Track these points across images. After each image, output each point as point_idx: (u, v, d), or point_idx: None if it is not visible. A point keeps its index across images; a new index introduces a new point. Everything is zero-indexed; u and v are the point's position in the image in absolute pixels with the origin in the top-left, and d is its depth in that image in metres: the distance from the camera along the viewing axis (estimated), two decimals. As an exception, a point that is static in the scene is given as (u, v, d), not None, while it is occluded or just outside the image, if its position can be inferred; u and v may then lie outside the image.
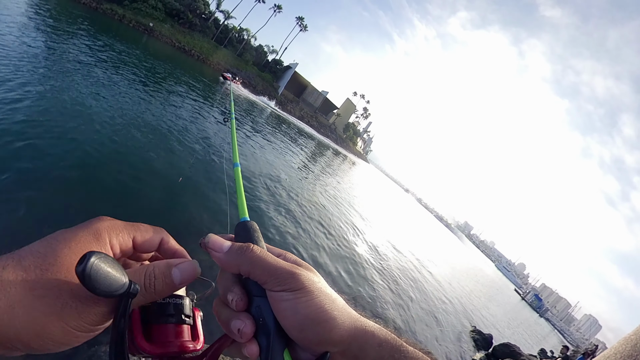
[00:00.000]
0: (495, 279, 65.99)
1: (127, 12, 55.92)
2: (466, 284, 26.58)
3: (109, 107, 10.86)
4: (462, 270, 35.66)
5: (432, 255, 28.19)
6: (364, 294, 9.72)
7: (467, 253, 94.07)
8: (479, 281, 38.35)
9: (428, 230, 56.26)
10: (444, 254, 39.71)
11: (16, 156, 6.03)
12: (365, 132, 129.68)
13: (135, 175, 7.85)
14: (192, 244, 0.55)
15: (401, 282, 13.41)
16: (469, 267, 47.51)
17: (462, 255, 67.35)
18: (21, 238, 3.86)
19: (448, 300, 16.41)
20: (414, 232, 37.11)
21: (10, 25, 15.24)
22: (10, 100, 7.72)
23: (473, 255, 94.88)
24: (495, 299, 32.97)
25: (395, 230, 26.33)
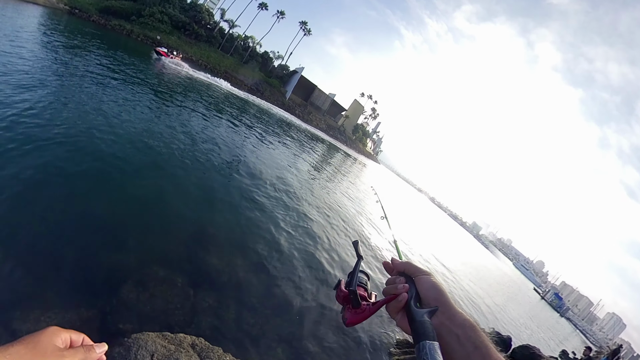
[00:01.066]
0: (513, 277, 64.28)
1: (134, 27, 57.24)
2: (483, 283, 26.01)
3: (138, 119, 11.07)
4: (478, 269, 34.88)
5: (448, 254, 27.76)
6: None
7: (484, 252, 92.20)
8: (497, 280, 37.41)
9: (443, 229, 55.37)
10: (460, 253, 39.03)
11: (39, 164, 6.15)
12: (375, 133, 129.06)
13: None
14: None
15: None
16: (486, 265, 46.49)
17: (478, 253, 66.16)
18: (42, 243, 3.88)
19: (465, 300, 16.06)
20: (430, 230, 36.65)
21: (25, 44, 15.73)
22: (29, 114, 7.92)
23: (489, 254, 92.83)
24: (513, 299, 32.09)
25: (411, 230, 26.06)
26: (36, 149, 7.80)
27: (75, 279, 5.13)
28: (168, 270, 6.13)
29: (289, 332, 6.31)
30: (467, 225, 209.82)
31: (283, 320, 6.53)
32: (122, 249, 6.12)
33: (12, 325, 4.04)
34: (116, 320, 4.75)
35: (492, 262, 69.40)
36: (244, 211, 10.15)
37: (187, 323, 5.31)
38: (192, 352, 4.49)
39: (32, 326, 4.10)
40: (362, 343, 7.30)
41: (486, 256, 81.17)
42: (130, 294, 5.21)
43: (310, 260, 9.67)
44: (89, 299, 4.82)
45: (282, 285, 7.63)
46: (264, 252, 8.53)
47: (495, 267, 55.39)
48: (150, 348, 4.02)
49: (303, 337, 6.41)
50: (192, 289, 6.04)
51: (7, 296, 4.41)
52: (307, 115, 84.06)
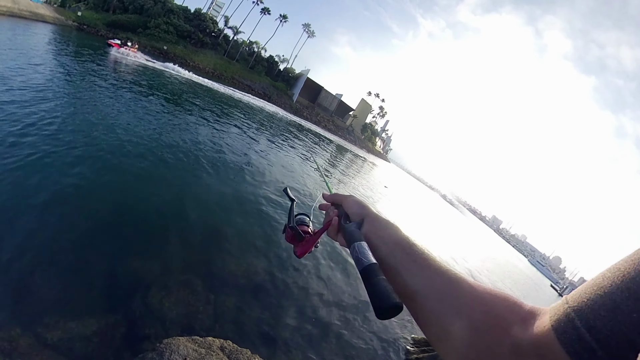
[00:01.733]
0: (529, 274, 62.42)
1: (141, 38, 58.22)
2: (498, 281, 25.47)
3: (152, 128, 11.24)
4: (494, 266, 34.27)
5: (463, 251, 27.40)
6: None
7: (502, 247, 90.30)
8: (512, 277, 36.47)
9: (459, 227, 54.63)
10: (477, 249, 38.54)
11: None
12: (384, 131, 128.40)
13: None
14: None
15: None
16: (502, 262, 45.56)
17: (496, 249, 65.10)
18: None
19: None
20: (445, 229, 36.27)
21: (37, 60, 16.12)
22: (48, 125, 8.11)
23: (506, 250, 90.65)
24: (530, 297, 31.11)
25: (425, 228, 25.89)
26: (55, 160, 7.98)
27: (102, 286, 5.21)
28: (189, 275, 6.20)
29: (309, 332, 6.33)
30: (486, 219, 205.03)
31: (303, 320, 6.55)
32: (144, 257, 6.20)
33: (43, 333, 4.12)
34: (142, 325, 4.82)
35: (509, 257, 68.01)
36: (258, 214, 10.20)
37: (211, 326, 5.35)
38: (222, 354, 4.51)
39: (62, 333, 4.18)
40: (380, 342, 7.26)
41: (506, 251, 79.53)
42: (154, 299, 5.27)
43: (327, 258, 9.68)
44: (116, 306, 4.90)
45: (301, 286, 7.65)
46: (281, 254, 8.56)
47: (510, 263, 53.95)
48: (182, 352, 4.05)
49: (323, 335, 6.43)
50: (214, 293, 6.09)
51: (39, 304, 4.50)
52: (314, 117, 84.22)
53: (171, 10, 65.26)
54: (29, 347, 3.88)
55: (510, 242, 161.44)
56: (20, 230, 5.52)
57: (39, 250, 5.32)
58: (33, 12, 41.37)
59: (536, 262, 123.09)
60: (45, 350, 3.94)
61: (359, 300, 8.33)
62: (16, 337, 3.90)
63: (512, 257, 77.49)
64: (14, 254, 5.07)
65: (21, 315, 4.30)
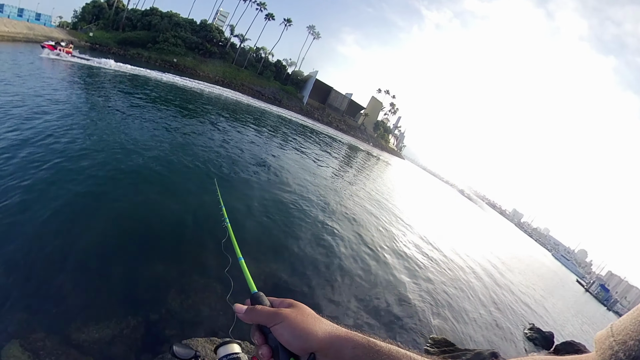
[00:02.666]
0: (553, 269, 59.77)
1: (152, 53, 59.69)
2: (521, 277, 24.65)
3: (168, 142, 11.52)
4: (517, 262, 33.32)
5: (485, 248, 26.91)
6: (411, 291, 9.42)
7: (524, 241, 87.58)
8: (536, 273, 35.17)
9: (479, 222, 53.57)
10: (498, 245, 37.75)
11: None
12: (396, 128, 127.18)
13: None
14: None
15: (450, 277, 12.89)
16: (525, 257, 44.17)
17: (518, 244, 63.38)
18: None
19: (502, 295, 15.48)
20: (466, 226, 35.72)
21: (53, 78, 16.69)
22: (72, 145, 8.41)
23: (528, 244, 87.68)
24: (555, 293, 29.75)
25: (443, 225, 25.56)
26: (73, 168, 8.24)
27: (123, 290, 5.37)
28: (207, 278, 6.29)
29: None
30: (507, 213, 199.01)
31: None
32: (163, 261, 6.35)
33: (70, 336, 4.29)
34: (162, 327, 4.94)
35: (532, 252, 65.90)
36: (273, 216, 10.28)
37: (230, 327, 5.40)
38: (240, 355, 4.58)
39: (87, 335, 4.33)
40: (398, 343, 7.17)
41: (529, 246, 76.96)
42: (173, 302, 5.40)
43: (344, 258, 9.66)
44: (136, 309, 5.04)
45: (318, 289, 7.66)
46: (300, 257, 8.60)
47: (533, 258, 52.17)
48: (200, 353, 4.13)
49: None
50: (232, 295, 6.15)
51: (63, 309, 4.69)
52: (326, 117, 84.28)
53: (178, 23, 66.56)
54: (56, 348, 4.07)
55: (532, 236, 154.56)
56: (46, 238, 5.76)
57: (66, 256, 5.56)
58: (48, 37, 42.83)
59: (560, 256, 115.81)
60: (71, 351, 4.11)
61: (376, 303, 8.28)
62: (44, 338, 4.10)
63: (535, 252, 75.08)
64: (42, 259, 5.32)
65: (48, 317, 4.52)
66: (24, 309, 4.48)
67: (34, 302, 4.65)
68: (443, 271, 13.21)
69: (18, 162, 7.84)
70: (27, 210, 6.33)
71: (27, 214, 6.25)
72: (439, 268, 13.28)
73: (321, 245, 9.85)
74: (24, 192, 6.82)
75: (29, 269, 5.10)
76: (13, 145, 8.50)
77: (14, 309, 4.43)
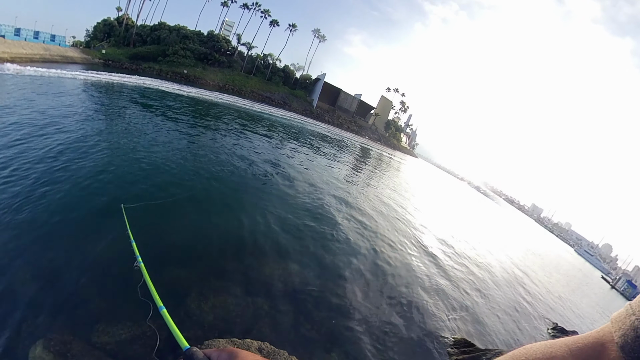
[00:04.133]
0: (577, 265, 57.10)
1: (162, 66, 60.92)
2: (543, 274, 23.75)
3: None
4: (538, 259, 32.27)
5: (502, 245, 26.32)
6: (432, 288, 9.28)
7: (545, 237, 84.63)
8: (559, 270, 33.73)
9: (497, 219, 52.46)
10: (519, 241, 36.93)
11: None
12: (408, 127, 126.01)
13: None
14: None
15: (469, 275, 12.66)
16: (546, 253, 42.67)
17: (538, 240, 61.65)
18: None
19: (523, 294, 15.06)
20: (483, 223, 35.08)
21: (74, 93, 17.19)
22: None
23: (549, 240, 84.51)
24: (579, 290, 28.14)
25: (460, 223, 25.19)
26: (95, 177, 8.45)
27: (144, 293, 5.45)
28: (226, 281, 6.36)
29: (346, 333, 6.33)
30: (525, 208, 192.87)
31: (340, 322, 6.57)
32: (182, 264, 6.45)
33: (93, 338, 4.40)
34: (182, 329, 4.96)
35: (553, 248, 63.73)
36: (290, 219, 10.33)
37: (249, 329, 5.45)
38: (261, 355, 4.58)
39: (110, 337, 4.42)
40: (419, 343, 7.07)
41: (550, 242, 74.53)
42: (193, 304, 5.47)
43: (362, 260, 9.61)
44: (157, 311, 5.09)
45: (337, 288, 7.64)
46: (316, 258, 8.60)
47: (555, 254, 50.33)
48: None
49: (360, 337, 6.40)
50: (250, 297, 6.22)
51: (87, 312, 4.85)
52: (336, 119, 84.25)
53: (186, 36, 67.82)
54: (79, 349, 4.19)
55: (553, 231, 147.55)
56: (70, 243, 5.93)
57: (89, 262, 5.74)
58: (63, 56, 44.33)
59: (583, 251, 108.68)
60: (94, 352, 4.21)
61: (396, 301, 8.21)
62: (69, 341, 4.21)
63: (557, 248, 72.68)
64: (66, 265, 5.48)
65: (72, 320, 4.68)
66: (49, 312, 4.64)
67: (58, 306, 4.80)
68: (462, 269, 13.00)
69: (32, 180, 8.11)
70: (44, 221, 6.53)
71: (44, 223, 6.45)
72: (457, 266, 13.07)
73: (345, 241, 9.90)
74: (41, 201, 7.04)
75: (54, 274, 5.27)
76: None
77: (39, 312, 4.59)
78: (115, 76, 36.02)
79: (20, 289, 4.91)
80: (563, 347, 0.49)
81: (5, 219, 6.32)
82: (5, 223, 6.19)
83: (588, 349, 0.48)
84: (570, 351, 0.49)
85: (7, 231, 5.98)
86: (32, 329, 4.31)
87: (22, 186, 7.59)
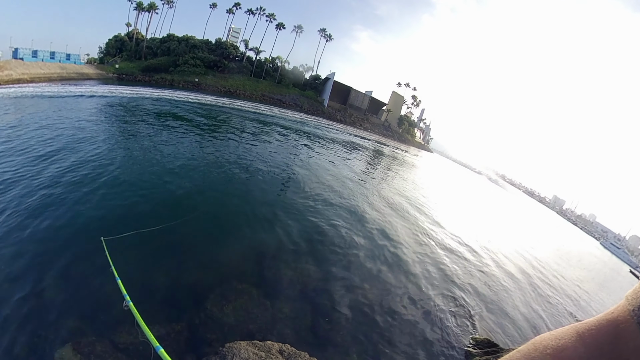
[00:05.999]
0: (603, 259, 54.00)
1: (174, 76, 62.24)
2: (567, 270, 22.54)
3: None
4: (562, 253, 30.96)
5: (523, 240, 25.66)
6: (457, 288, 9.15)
7: (568, 230, 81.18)
8: (584, 265, 31.93)
9: (517, 213, 51.03)
10: (541, 236, 35.89)
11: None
12: (421, 121, 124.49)
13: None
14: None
15: (491, 272, 12.42)
16: (570, 248, 40.86)
17: (561, 233, 59.48)
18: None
19: (547, 291, 14.51)
20: (502, 217, 34.32)
21: (94, 109, 17.73)
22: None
23: (573, 233, 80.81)
24: (606, 286, 26.22)
25: (478, 218, 24.76)
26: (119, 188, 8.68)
27: (166, 296, 5.60)
28: (246, 284, 6.43)
29: (366, 334, 6.29)
30: (547, 200, 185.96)
31: (359, 323, 6.54)
32: (202, 268, 6.58)
33: (116, 340, 4.54)
34: (204, 331, 5.09)
35: (577, 241, 61.14)
36: (307, 222, 10.34)
37: (269, 331, 5.49)
38: (281, 357, 4.62)
39: (133, 339, 4.56)
40: (439, 344, 6.93)
41: (574, 235, 71.62)
42: (214, 307, 5.56)
43: (382, 258, 9.55)
44: (179, 314, 5.25)
45: (356, 289, 7.60)
46: (333, 259, 8.60)
47: (579, 248, 48.11)
48: (243, 355, 4.20)
49: (380, 338, 6.35)
50: (270, 299, 6.26)
51: (111, 315, 4.99)
52: (348, 118, 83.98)
53: (195, 45, 69.03)
54: (105, 351, 4.33)
55: (577, 224, 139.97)
56: (92, 247, 6.12)
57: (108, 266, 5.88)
58: (79, 73, 45.82)
59: (610, 244, 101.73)
60: (119, 354, 4.33)
61: (416, 301, 8.10)
62: (94, 342, 4.35)
63: (581, 241, 69.94)
64: (91, 271, 5.65)
65: (98, 323, 4.85)
66: (76, 316, 4.80)
67: (85, 309, 4.97)
68: (483, 266, 12.68)
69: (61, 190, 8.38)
70: (64, 226, 6.75)
71: (64, 229, 6.67)
72: (479, 263, 12.79)
73: (368, 236, 9.87)
74: (63, 206, 7.27)
75: (79, 279, 5.46)
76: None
77: (67, 316, 4.77)
78: (127, 89, 37.06)
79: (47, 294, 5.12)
80: (574, 334, 0.48)
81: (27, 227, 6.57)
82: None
83: (602, 334, 0.46)
84: (581, 339, 0.48)
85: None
86: (60, 331, 4.50)
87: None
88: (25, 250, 6.08)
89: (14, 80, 33.24)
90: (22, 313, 4.76)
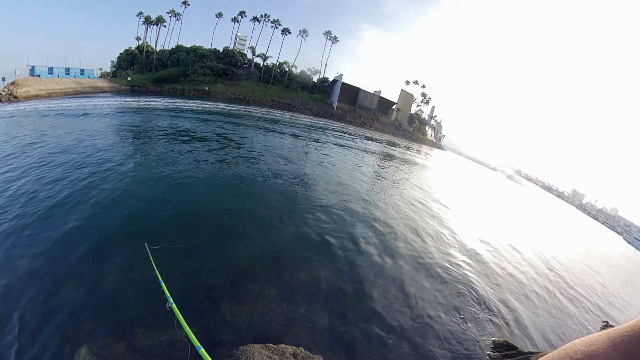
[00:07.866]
0: (628, 255, 51.36)
1: (184, 85, 63.44)
2: (589, 267, 21.54)
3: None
4: (582, 250, 29.79)
5: (542, 237, 25.07)
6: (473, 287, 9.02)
7: (588, 225, 78.40)
8: (607, 262, 30.51)
9: (533, 209, 49.79)
10: (558, 233, 35.00)
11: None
12: (432, 119, 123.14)
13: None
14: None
15: (509, 271, 12.18)
16: (591, 245, 39.21)
17: (581, 229, 57.75)
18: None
19: (569, 289, 13.93)
20: (519, 214, 33.61)
21: (109, 119, 18.19)
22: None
23: (594, 228, 77.74)
24: (632, 283, 24.95)
25: (494, 215, 24.37)
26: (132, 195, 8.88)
27: (181, 299, 5.66)
28: (260, 286, 6.48)
29: (382, 338, 6.21)
30: (565, 195, 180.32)
31: (375, 326, 6.46)
32: (216, 270, 6.66)
33: (134, 342, 4.67)
34: (218, 333, 5.15)
35: (598, 237, 59.00)
36: (321, 224, 10.34)
37: (284, 333, 5.50)
38: (295, 361, 4.62)
39: (149, 341, 4.66)
40: (458, 347, 6.76)
41: (595, 230, 69.22)
42: (227, 309, 5.62)
43: (399, 259, 9.49)
44: (193, 316, 5.30)
45: (371, 292, 7.55)
46: (348, 261, 8.57)
47: (601, 243, 46.14)
48: (257, 358, 4.23)
49: (397, 341, 6.26)
50: (285, 302, 6.28)
51: (127, 317, 5.14)
52: (358, 119, 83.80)
53: (203, 55, 70.29)
54: (121, 352, 4.44)
55: (598, 218, 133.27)
56: (109, 252, 6.28)
57: (129, 270, 6.07)
58: (94, 87, 47.16)
59: (634, 239, 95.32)
60: (134, 356, 4.42)
61: (433, 302, 7.98)
62: (110, 344, 4.47)
63: (604, 236, 67.47)
64: (107, 273, 5.83)
65: (114, 325, 4.98)
66: (92, 318, 4.95)
67: (101, 311, 5.12)
68: (501, 265, 12.36)
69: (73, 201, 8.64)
70: (82, 231, 6.94)
71: (82, 232, 6.85)
72: (497, 261, 12.50)
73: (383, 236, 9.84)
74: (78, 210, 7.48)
75: (96, 282, 5.62)
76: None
77: (83, 318, 4.92)
78: (142, 100, 37.96)
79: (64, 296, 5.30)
80: (605, 341, 0.47)
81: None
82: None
83: (634, 340, 0.45)
84: (613, 345, 0.47)
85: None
86: (78, 333, 4.65)
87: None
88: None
89: (32, 96, 34.57)
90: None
